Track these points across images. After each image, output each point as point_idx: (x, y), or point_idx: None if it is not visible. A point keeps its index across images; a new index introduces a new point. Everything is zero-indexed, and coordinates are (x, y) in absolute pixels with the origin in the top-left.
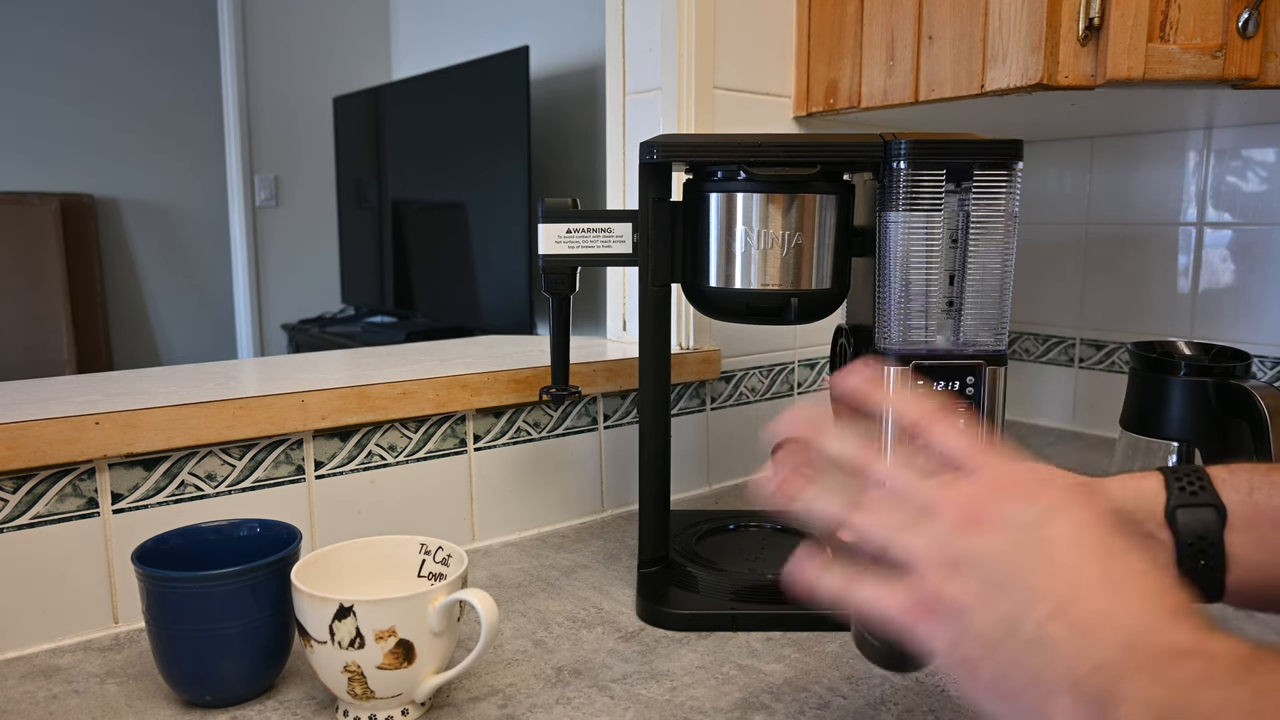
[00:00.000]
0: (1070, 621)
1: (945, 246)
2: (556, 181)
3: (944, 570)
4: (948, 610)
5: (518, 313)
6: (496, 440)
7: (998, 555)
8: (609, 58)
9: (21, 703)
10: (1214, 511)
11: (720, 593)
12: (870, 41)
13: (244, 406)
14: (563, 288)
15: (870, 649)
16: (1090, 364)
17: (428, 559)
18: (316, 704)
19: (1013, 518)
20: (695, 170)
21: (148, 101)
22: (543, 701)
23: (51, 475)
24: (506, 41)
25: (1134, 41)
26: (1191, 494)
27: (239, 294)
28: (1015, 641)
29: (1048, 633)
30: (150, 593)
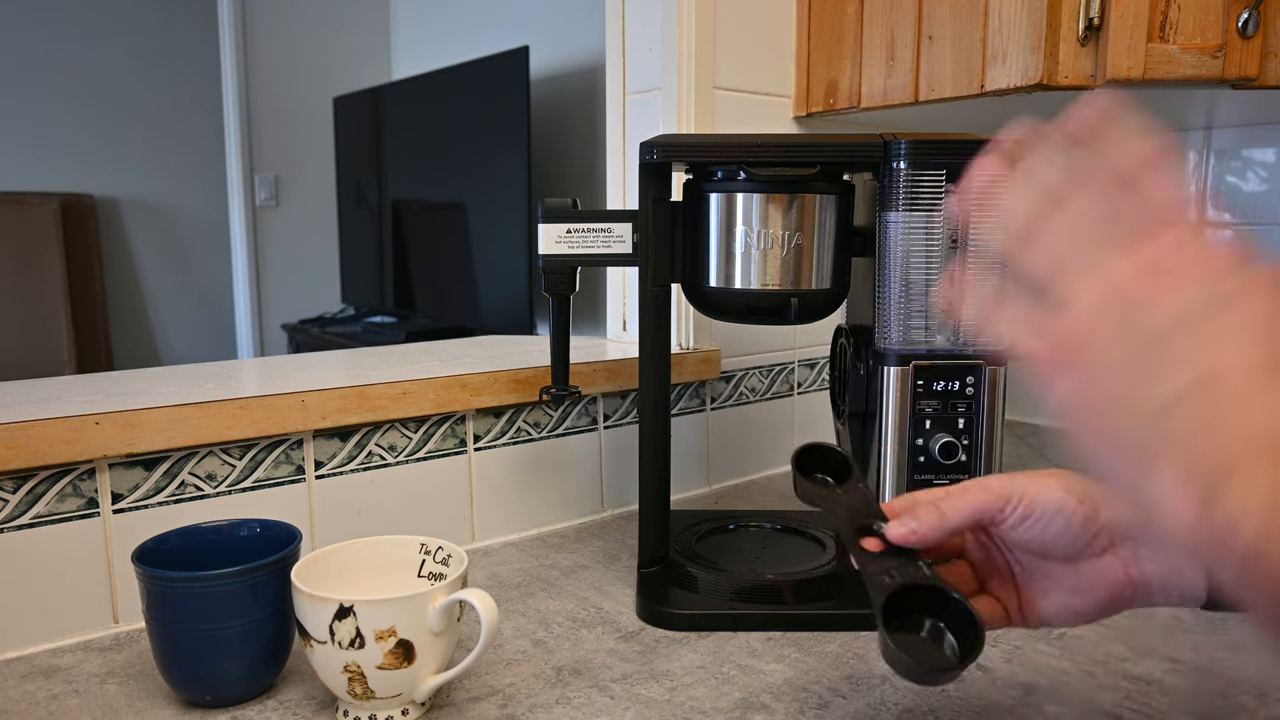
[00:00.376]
0: (1213, 396)
1: (945, 246)
2: (556, 181)
3: (1109, 310)
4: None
5: (518, 313)
6: (496, 440)
7: (1173, 309)
8: (609, 58)
9: (21, 703)
10: None
11: (720, 593)
12: (870, 41)
13: (244, 406)
14: (563, 288)
15: (899, 661)
16: None
17: (428, 559)
18: (316, 704)
19: (1210, 277)
20: (695, 170)
21: (148, 101)
22: (543, 701)
23: (51, 475)
24: (506, 41)
25: (1134, 41)
26: None
27: (239, 294)
28: (1148, 401)
29: (1185, 401)
30: (150, 593)
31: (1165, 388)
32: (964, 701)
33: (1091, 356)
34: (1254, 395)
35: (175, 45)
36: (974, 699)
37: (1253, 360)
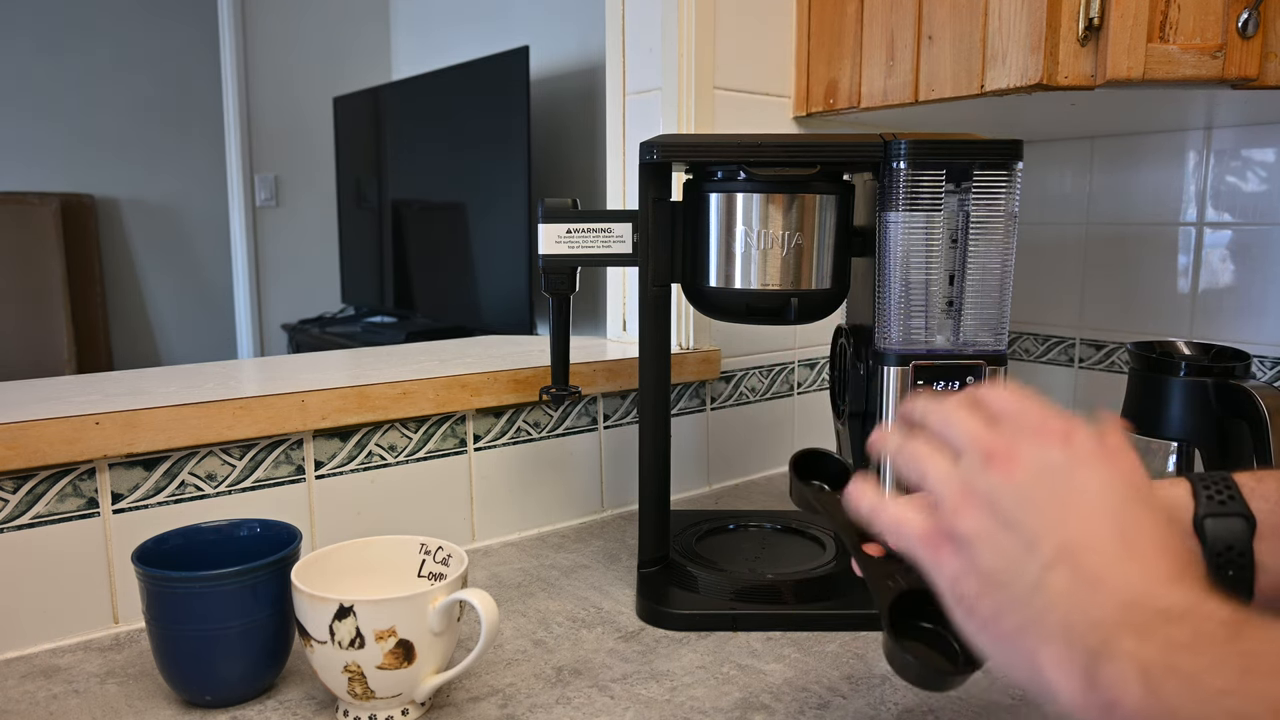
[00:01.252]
0: (1075, 572)
1: (945, 246)
2: (556, 181)
3: (963, 501)
4: (959, 542)
5: (518, 313)
6: (496, 440)
7: (1017, 494)
8: (609, 58)
9: (21, 703)
10: (1243, 521)
11: (720, 593)
12: (870, 41)
13: (244, 406)
14: (563, 288)
15: (906, 666)
16: (1090, 364)
17: (428, 559)
18: (316, 704)
19: (1043, 460)
20: (695, 170)
21: (148, 102)
22: (543, 701)
23: (52, 475)
24: (506, 41)
25: (1134, 42)
26: (1220, 503)
27: (239, 294)
28: (1017, 584)
29: (1050, 580)
30: (150, 593)
31: (1032, 566)
32: (964, 702)
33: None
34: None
35: (176, 45)
36: (974, 699)
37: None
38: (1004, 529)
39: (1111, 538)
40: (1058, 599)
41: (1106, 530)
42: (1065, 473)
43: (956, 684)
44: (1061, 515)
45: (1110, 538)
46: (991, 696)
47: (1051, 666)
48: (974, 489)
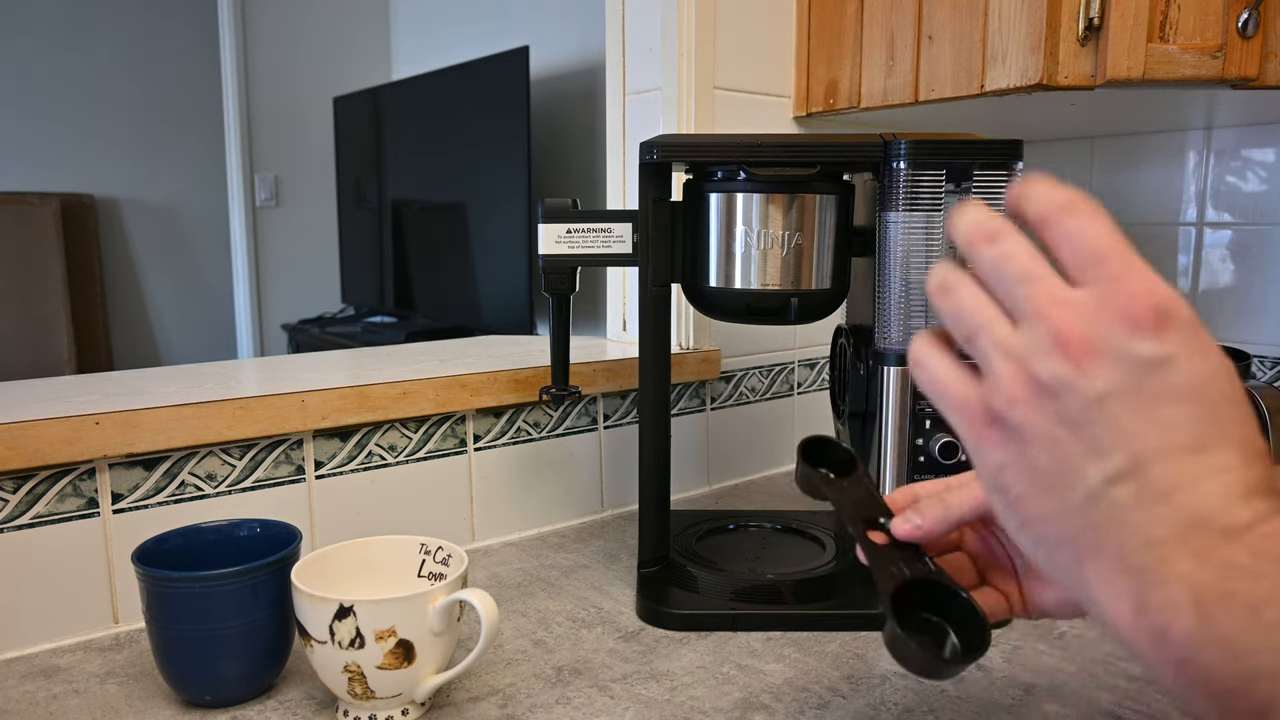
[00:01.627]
0: (1141, 487)
1: (945, 246)
2: (556, 181)
3: (1022, 388)
4: (1010, 430)
5: (518, 313)
6: (496, 440)
7: (1090, 395)
8: (609, 58)
9: (21, 703)
10: None
11: (720, 593)
12: (870, 41)
13: (244, 406)
14: (563, 288)
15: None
16: None
17: (428, 559)
18: (316, 704)
19: (1129, 357)
20: (695, 170)
21: (148, 101)
22: (543, 701)
23: (51, 475)
24: (506, 41)
25: (1134, 42)
26: None
27: (239, 294)
28: (1074, 492)
29: (1113, 492)
30: (150, 593)
31: (1094, 474)
32: (964, 701)
33: (1012, 432)
34: (1181, 483)
35: (175, 45)
36: (974, 699)
37: (1178, 443)
38: (1069, 430)
39: (1190, 447)
40: (1117, 514)
41: (1187, 438)
42: (1153, 374)
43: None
44: (1140, 425)
45: (1189, 447)
46: (991, 696)
47: (1100, 584)
48: (1037, 377)
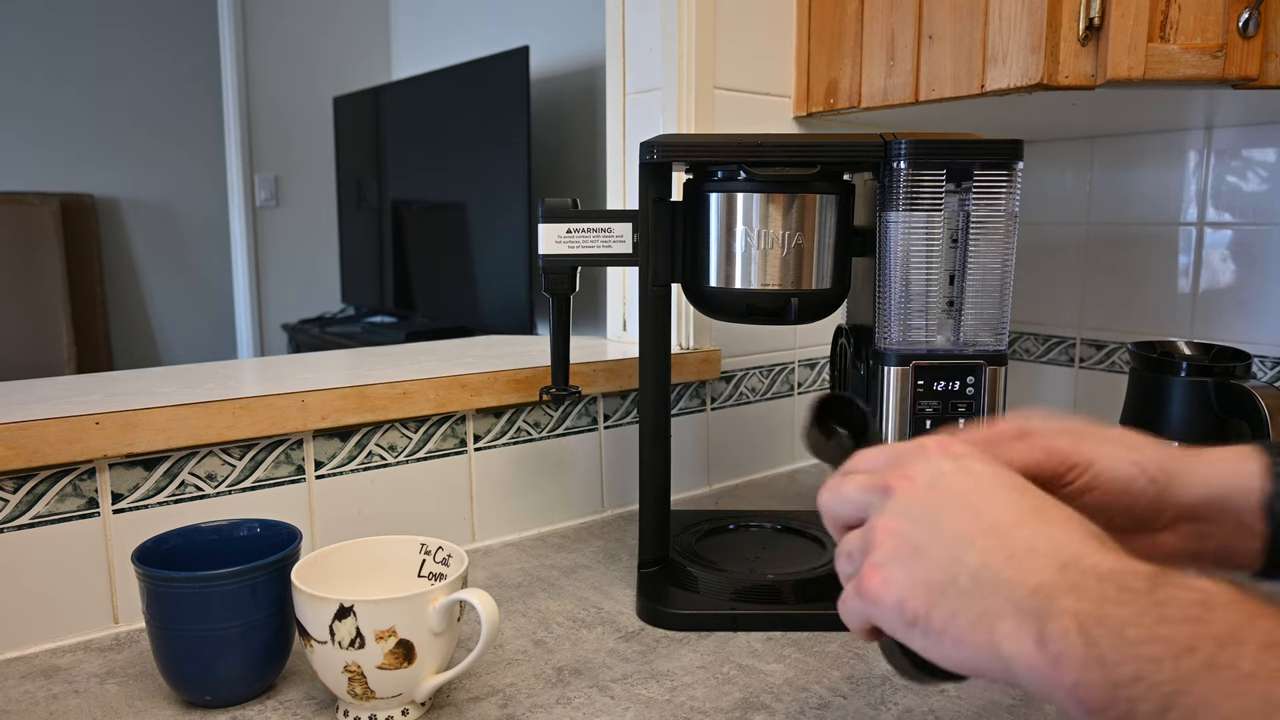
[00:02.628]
0: (1008, 551)
1: (945, 246)
2: (556, 181)
3: (881, 534)
4: (887, 571)
5: (518, 313)
6: (496, 440)
7: (927, 502)
8: (609, 58)
9: (21, 703)
10: None
11: (720, 593)
12: (870, 41)
13: (244, 406)
14: (563, 288)
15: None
16: (1090, 364)
17: (428, 559)
18: (316, 704)
19: (936, 468)
20: (695, 170)
21: (148, 101)
22: (543, 701)
23: (52, 475)
24: (506, 41)
25: (1134, 41)
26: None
27: (239, 294)
28: (961, 578)
29: (989, 564)
30: (150, 593)
31: (968, 556)
32: (964, 701)
33: (899, 565)
34: (1039, 537)
35: (175, 45)
36: (974, 699)
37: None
38: (929, 536)
39: (1027, 512)
40: (1001, 577)
41: (1018, 508)
42: (960, 473)
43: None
44: (975, 506)
45: (1026, 513)
46: (992, 696)
47: (1008, 641)
48: (886, 519)
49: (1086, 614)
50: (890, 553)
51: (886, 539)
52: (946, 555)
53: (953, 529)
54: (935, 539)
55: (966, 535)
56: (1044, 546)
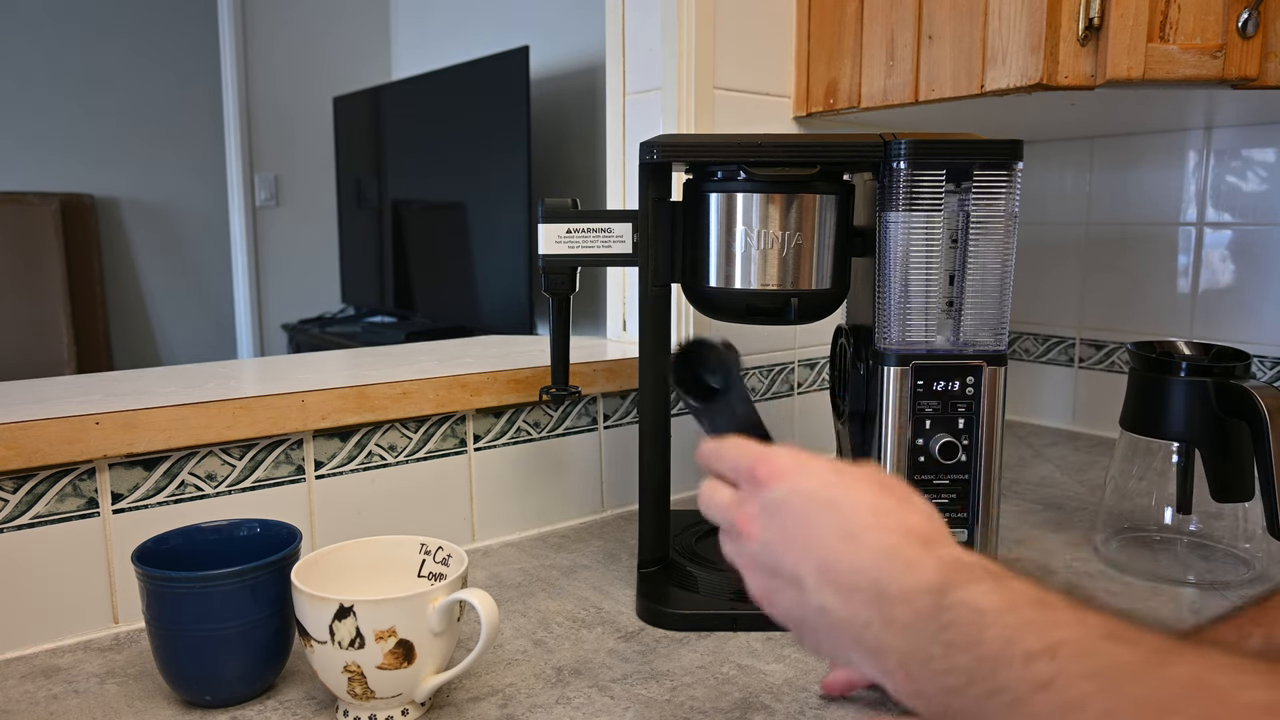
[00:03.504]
0: (835, 587)
1: (945, 246)
2: (556, 181)
3: (743, 570)
4: (756, 589)
5: (518, 313)
6: (496, 440)
7: (766, 549)
8: (609, 58)
9: (21, 703)
10: None
11: (720, 593)
12: (870, 41)
13: (244, 406)
14: (563, 288)
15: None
16: (1090, 364)
17: (428, 559)
18: (316, 704)
19: (766, 503)
20: (695, 170)
21: (148, 101)
22: (543, 701)
23: (51, 475)
24: (506, 41)
25: (1134, 41)
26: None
27: (239, 294)
28: (810, 615)
29: (825, 602)
30: (150, 593)
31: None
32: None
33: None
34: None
35: (175, 45)
36: None
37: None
38: (776, 581)
39: (840, 540)
40: (837, 614)
41: (832, 536)
42: (777, 509)
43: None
44: (804, 546)
45: (839, 541)
46: None
47: (863, 666)
48: (740, 559)
49: (902, 651)
50: (758, 590)
51: (750, 577)
52: (794, 596)
53: (791, 571)
54: (781, 582)
55: (803, 578)
56: (861, 580)
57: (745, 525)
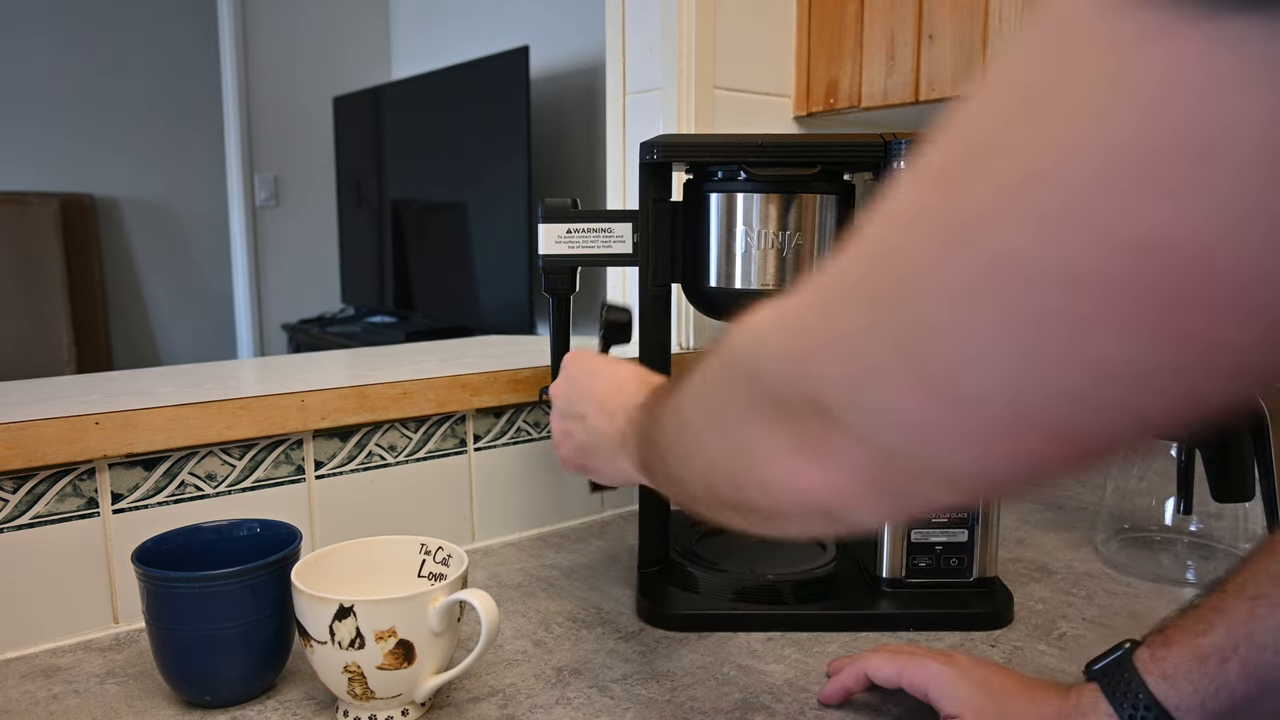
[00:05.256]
0: (606, 414)
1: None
2: (556, 181)
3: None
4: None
5: (518, 313)
6: (496, 440)
7: (564, 402)
8: (609, 58)
9: (21, 703)
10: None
11: (720, 593)
12: (870, 41)
13: (244, 406)
14: (563, 288)
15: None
16: None
17: (428, 559)
18: (316, 704)
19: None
20: (695, 170)
21: (148, 101)
22: (543, 702)
23: (51, 475)
24: (506, 41)
25: None
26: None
27: (239, 294)
28: (589, 436)
29: (599, 424)
30: (150, 593)
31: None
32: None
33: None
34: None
35: (175, 45)
36: None
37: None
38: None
39: (611, 391)
40: (607, 431)
41: (607, 389)
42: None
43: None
44: (587, 393)
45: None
46: None
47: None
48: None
49: (635, 439)
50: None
51: (559, 432)
52: (580, 426)
53: (580, 409)
54: (576, 417)
55: (586, 411)
56: (619, 409)
57: (555, 390)
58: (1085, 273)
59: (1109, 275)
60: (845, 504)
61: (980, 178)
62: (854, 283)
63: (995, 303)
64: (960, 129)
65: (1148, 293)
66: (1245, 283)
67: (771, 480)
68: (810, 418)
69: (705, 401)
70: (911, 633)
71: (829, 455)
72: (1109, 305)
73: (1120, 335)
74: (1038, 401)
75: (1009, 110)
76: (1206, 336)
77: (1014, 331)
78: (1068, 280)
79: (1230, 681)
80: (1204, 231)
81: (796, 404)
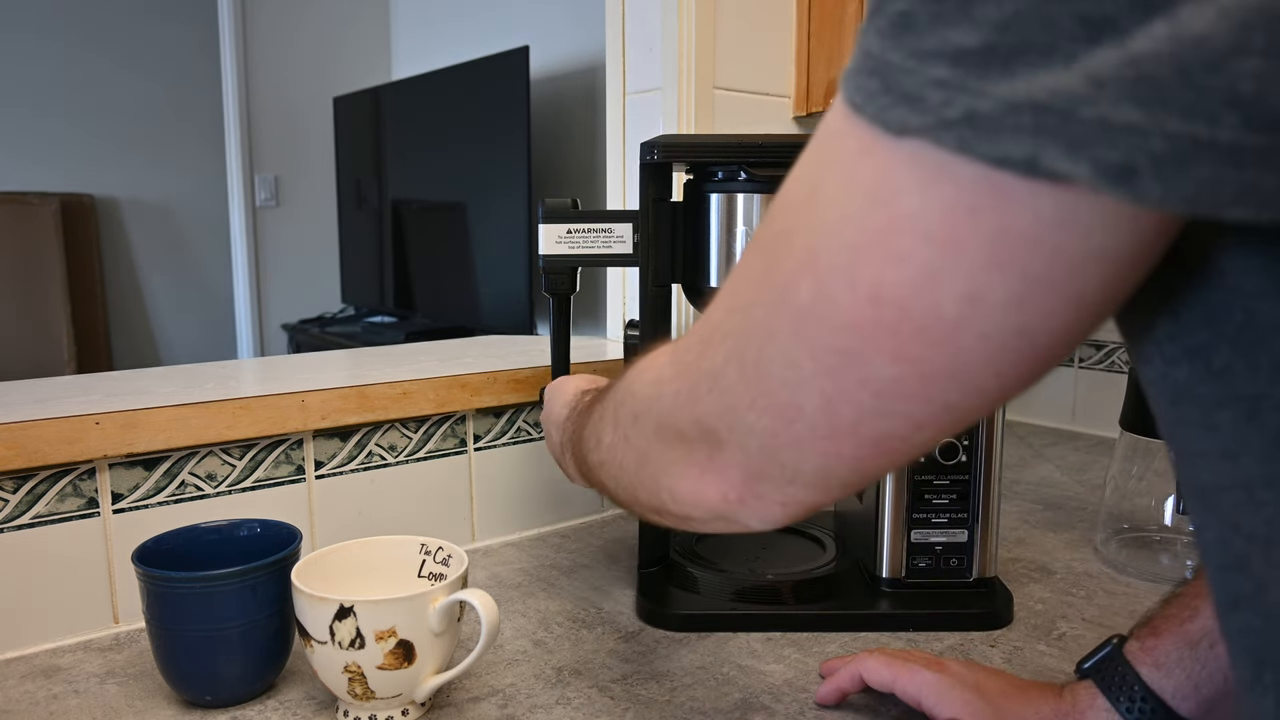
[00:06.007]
0: (555, 425)
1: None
2: (556, 181)
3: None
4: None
5: (518, 313)
6: (496, 440)
7: (544, 412)
8: (609, 58)
9: (21, 703)
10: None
11: (720, 593)
12: None
13: (244, 406)
14: (563, 288)
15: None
16: (1090, 364)
17: (428, 559)
18: (316, 704)
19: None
20: (695, 170)
21: (148, 101)
22: (543, 702)
23: (52, 475)
24: (506, 41)
25: None
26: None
27: (239, 294)
28: (551, 450)
29: (551, 437)
30: (150, 593)
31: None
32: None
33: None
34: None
35: (175, 45)
36: None
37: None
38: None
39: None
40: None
41: (559, 403)
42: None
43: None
44: (548, 411)
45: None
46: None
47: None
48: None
49: (572, 451)
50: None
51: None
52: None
53: (546, 426)
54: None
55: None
56: (562, 422)
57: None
58: (855, 319)
59: (868, 320)
60: (734, 509)
61: (786, 250)
62: (716, 327)
63: (806, 341)
64: (775, 210)
65: (890, 332)
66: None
67: (677, 491)
68: (701, 442)
69: (619, 433)
70: (911, 633)
71: (718, 471)
72: (874, 341)
73: (890, 363)
74: (848, 413)
75: (799, 198)
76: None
77: (819, 361)
78: (846, 323)
79: (1223, 664)
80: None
81: (690, 432)
